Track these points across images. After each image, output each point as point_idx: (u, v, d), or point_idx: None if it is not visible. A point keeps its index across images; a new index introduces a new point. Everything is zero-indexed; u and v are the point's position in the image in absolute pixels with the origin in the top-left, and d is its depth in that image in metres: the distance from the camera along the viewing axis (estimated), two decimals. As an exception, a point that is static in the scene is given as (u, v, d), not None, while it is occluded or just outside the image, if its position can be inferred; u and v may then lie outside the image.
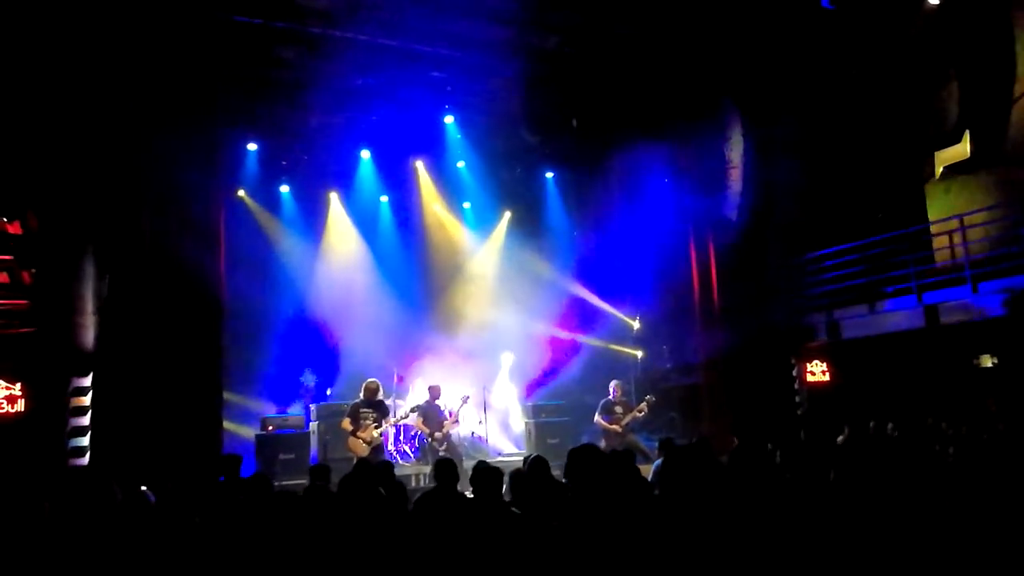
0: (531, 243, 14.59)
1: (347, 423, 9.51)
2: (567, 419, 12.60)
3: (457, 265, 14.97)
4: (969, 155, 11.71)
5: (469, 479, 4.70)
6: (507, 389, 14.03)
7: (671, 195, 12.45)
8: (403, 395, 12.29)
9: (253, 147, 12.29)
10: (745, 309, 11.34)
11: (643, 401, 10.59)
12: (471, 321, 14.05)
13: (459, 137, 12.91)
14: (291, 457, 10.63)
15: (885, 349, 11.08)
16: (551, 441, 11.96)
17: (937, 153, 12.23)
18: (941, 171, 12.24)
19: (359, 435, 9.35)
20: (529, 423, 12.77)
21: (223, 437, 9.17)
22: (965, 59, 11.73)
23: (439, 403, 10.43)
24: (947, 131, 12.05)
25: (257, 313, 12.71)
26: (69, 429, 7.99)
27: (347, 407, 9.87)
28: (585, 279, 14.14)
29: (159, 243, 8.63)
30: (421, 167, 14.12)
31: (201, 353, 8.72)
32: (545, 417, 12.60)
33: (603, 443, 10.15)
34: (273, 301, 13.12)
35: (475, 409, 12.41)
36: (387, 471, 5.61)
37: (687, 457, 4.98)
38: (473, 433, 12.84)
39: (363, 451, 9.15)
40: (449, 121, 12.54)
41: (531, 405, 13.02)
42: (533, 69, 11.41)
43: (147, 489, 5.19)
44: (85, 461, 7.99)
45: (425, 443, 10.51)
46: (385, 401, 10.31)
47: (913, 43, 11.71)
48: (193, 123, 8.90)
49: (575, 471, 4.11)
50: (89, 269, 8.36)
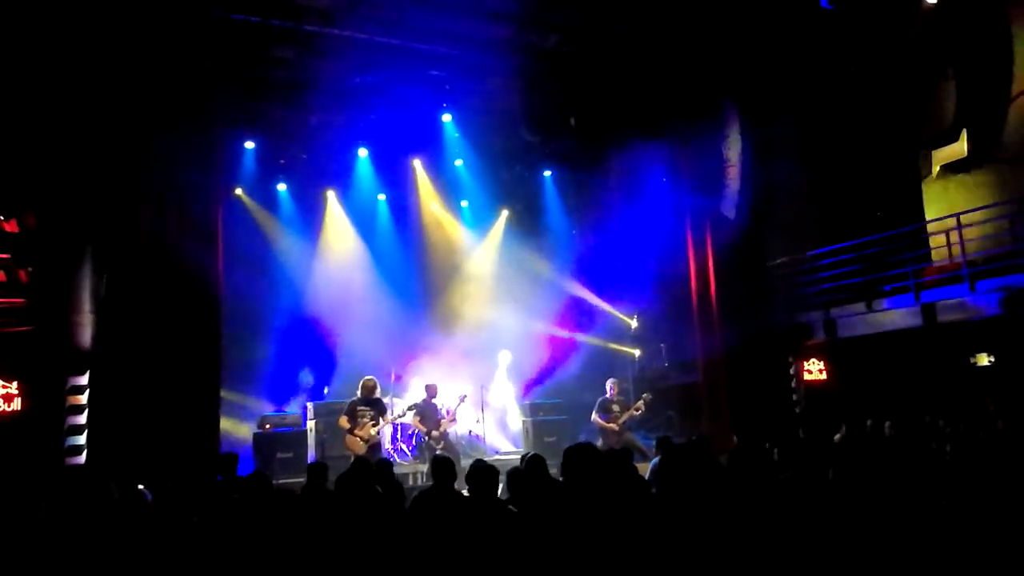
0: (529, 242, 14.59)
1: (344, 421, 9.48)
2: (565, 417, 12.60)
3: (455, 264, 14.96)
4: (966, 154, 11.74)
5: (465, 478, 4.70)
6: (505, 387, 14.04)
7: (669, 194, 12.44)
8: (401, 394, 12.29)
9: (251, 145, 12.25)
10: (743, 308, 11.35)
11: (640, 399, 10.60)
12: (469, 320, 14.05)
13: (457, 136, 12.86)
14: (289, 455, 10.63)
15: (882, 348, 11.10)
16: (548, 439, 11.96)
17: (934, 152, 12.26)
18: (938, 170, 12.27)
19: (356, 433, 9.34)
20: (527, 421, 12.77)
21: (220, 436, 9.14)
22: (962, 58, 11.76)
23: (436, 402, 10.43)
24: (944, 130, 12.09)
25: (254, 312, 12.70)
26: (66, 428, 8.00)
27: (345, 405, 9.87)
28: (583, 278, 14.14)
29: (157, 242, 8.63)
30: (419, 166, 14.09)
31: (198, 352, 8.70)
32: (543, 415, 12.60)
33: (600, 441, 10.16)
34: (271, 300, 13.09)
35: (472, 408, 12.41)
36: (386, 470, 5.62)
37: (685, 455, 4.97)
38: (471, 431, 12.84)
39: (361, 449, 9.14)
40: (447, 120, 12.49)
41: (528, 403, 13.02)
42: (532, 68, 11.40)
43: (144, 488, 5.18)
44: (82, 460, 7.99)
45: (423, 441, 10.51)
46: (383, 399, 10.31)
47: (911, 42, 11.74)
48: (191, 122, 8.89)
49: (571, 470, 4.11)
50: (86, 268, 8.35)
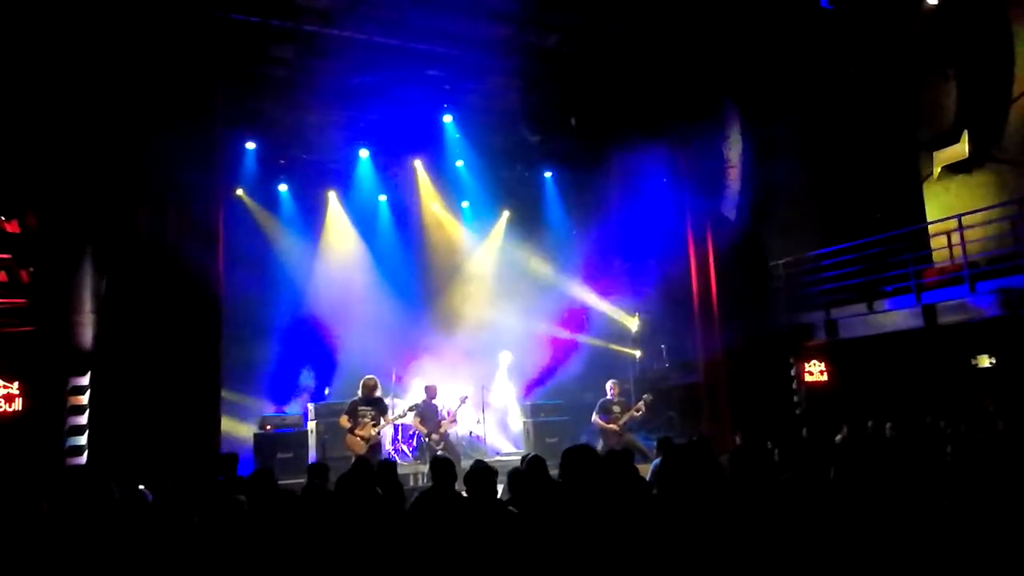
0: (530, 242, 14.60)
1: (345, 420, 9.45)
2: (565, 418, 12.60)
3: (455, 264, 14.97)
4: (967, 155, 11.72)
5: (463, 479, 4.68)
6: (505, 388, 14.04)
7: (670, 194, 12.44)
8: (401, 394, 12.29)
9: (251, 146, 12.26)
10: (744, 308, 11.35)
11: (640, 400, 10.59)
12: (469, 320, 14.05)
13: (458, 136, 12.87)
14: (289, 456, 10.64)
15: (883, 349, 11.08)
16: (549, 440, 11.96)
17: (935, 153, 12.24)
18: (939, 171, 12.25)
19: (357, 433, 9.32)
20: (527, 422, 12.77)
21: (221, 436, 9.13)
22: (963, 59, 11.75)
23: (436, 403, 10.42)
24: (945, 131, 12.07)
25: (255, 312, 12.71)
26: (67, 428, 8.00)
27: (346, 406, 9.86)
28: (584, 278, 14.14)
29: (157, 242, 8.62)
30: (420, 166, 14.10)
31: (199, 352, 8.69)
32: (543, 416, 12.60)
33: (601, 443, 10.15)
34: (271, 300, 13.11)
35: (473, 408, 12.40)
36: (389, 471, 5.59)
37: (686, 456, 4.97)
38: (471, 432, 12.84)
39: (361, 449, 9.12)
40: (448, 120, 12.50)
41: (529, 404, 13.02)
42: (532, 68, 11.41)
43: (145, 488, 5.18)
44: (83, 460, 7.98)
45: (423, 442, 10.50)
46: (384, 399, 10.30)
47: (911, 43, 11.72)
48: (191, 122, 8.88)
49: (570, 471, 4.10)
50: (87, 268, 8.35)
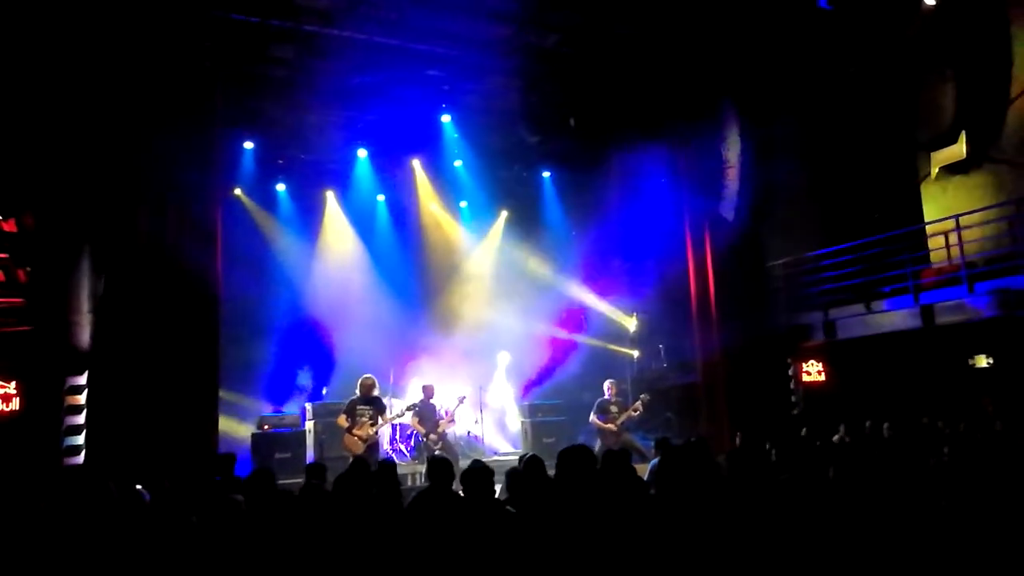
0: (528, 242, 14.61)
1: (343, 420, 9.41)
2: (563, 418, 12.60)
3: (454, 264, 14.97)
4: (965, 155, 11.74)
5: (460, 479, 4.67)
6: (503, 388, 14.04)
7: (668, 194, 12.44)
8: (399, 395, 12.29)
9: (249, 145, 12.25)
10: (742, 309, 11.35)
11: (638, 400, 10.59)
12: (468, 320, 14.05)
13: (456, 136, 12.87)
14: (287, 456, 10.64)
15: (881, 349, 11.09)
16: (547, 440, 11.96)
17: (933, 153, 12.26)
18: (937, 171, 12.27)
19: (355, 432, 9.29)
20: (525, 422, 12.77)
21: (219, 436, 9.12)
22: (962, 59, 11.76)
23: (434, 402, 10.42)
24: (944, 131, 12.08)
25: (253, 312, 12.70)
26: (64, 428, 7.97)
27: (343, 405, 9.84)
28: (582, 279, 14.14)
29: (155, 242, 8.60)
30: (418, 166, 14.10)
31: (197, 352, 8.67)
32: (541, 416, 12.60)
33: (599, 443, 10.15)
34: (269, 300, 13.10)
35: (471, 408, 12.40)
36: (388, 471, 5.56)
37: (684, 456, 4.98)
38: (469, 432, 12.83)
39: (359, 449, 9.09)
40: (446, 120, 12.50)
41: (527, 404, 13.03)
42: (531, 68, 11.40)
43: (142, 488, 5.17)
44: (80, 460, 7.97)
45: (421, 442, 10.50)
46: (382, 399, 10.29)
47: (910, 43, 11.73)
48: (190, 121, 8.86)
49: (566, 472, 4.09)
50: (85, 267, 8.32)
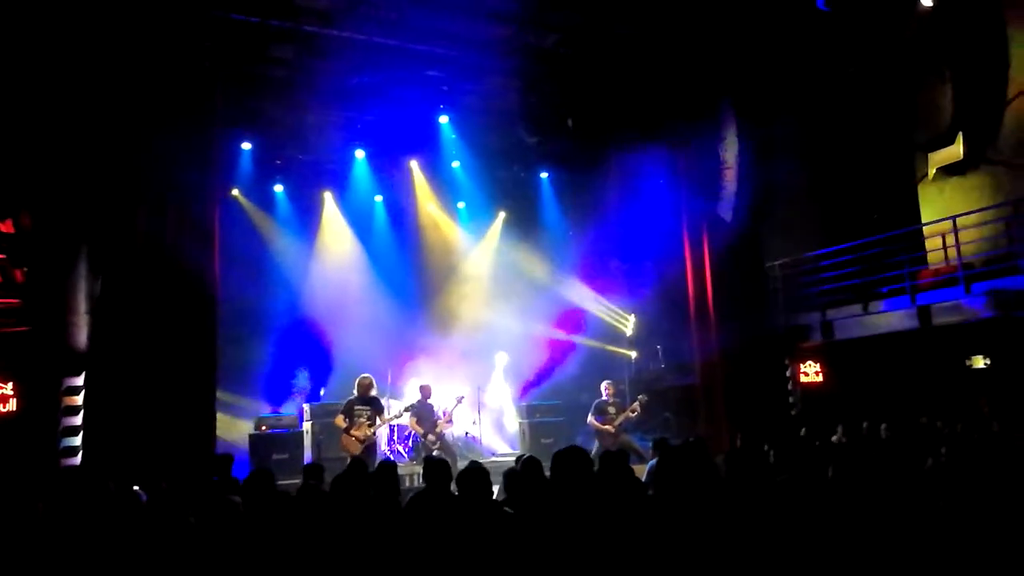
0: (526, 243, 14.59)
1: (341, 420, 9.41)
2: (561, 419, 12.60)
3: (451, 265, 14.96)
4: (962, 156, 11.75)
5: (456, 480, 4.66)
6: (501, 389, 14.04)
7: (666, 195, 12.45)
8: (397, 395, 12.28)
9: (247, 146, 12.22)
10: (739, 309, 11.35)
11: (635, 401, 10.60)
12: (465, 321, 14.05)
13: (454, 137, 12.86)
14: (285, 457, 10.63)
15: (879, 350, 11.10)
16: (545, 441, 11.96)
17: (931, 154, 12.27)
18: (935, 172, 12.28)
19: (353, 433, 9.28)
20: (523, 423, 12.77)
21: (216, 437, 9.10)
22: (959, 60, 11.78)
23: (431, 402, 10.41)
24: (941, 132, 12.10)
25: (251, 312, 12.69)
26: (61, 428, 7.97)
27: (341, 405, 9.82)
28: (580, 279, 14.14)
29: (153, 242, 8.58)
30: (416, 167, 14.09)
31: (194, 353, 8.66)
32: (539, 417, 12.60)
33: (597, 443, 10.16)
34: (267, 301, 13.08)
35: (469, 409, 12.39)
36: (388, 472, 5.51)
37: (682, 457, 4.98)
38: (467, 433, 12.83)
39: (356, 449, 9.09)
40: (444, 121, 12.50)
41: (525, 405, 13.03)
42: (529, 69, 11.40)
43: (139, 489, 5.16)
44: (77, 461, 7.95)
45: (419, 443, 10.49)
46: (380, 399, 10.28)
47: (907, 44, 11.75)
48: (188, 121, 8.84)
49: (561, 474, 4.09)
50: (82, 268, 8.31)
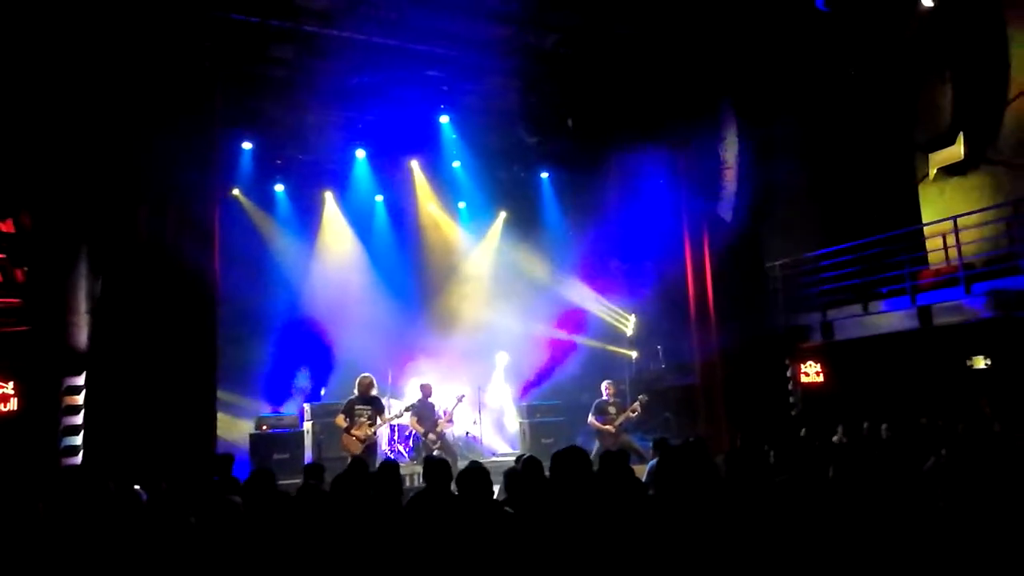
0: (526, 243, 14.59)
1: (341, 420, 9.40)
2: (562, 419, 12.60)
3: (452, 265, 14.97)
4: (963, 157, 11.75)
5: (455, 480, 4.65)
6: (502, 389, 14.04)
7: (667, 195, 12.45)
8: (398, 395, 12.28)
9: (248, 146, 12.22)
10: (740, 310, 11.35)
11: (636, 401, 10.59)
12: (466, 321, 14.05)
13: (454, 137, 12.87)
14: (285, 457, 10.63)
15: (879, 350, 11.10)
16: (545, 441, 11.96)
17: (931, 155, 12.28)
18: (935, 172, 12.28)
19: (353, 432, 9.28)
20: (523, 423, 12.77)
21: (217, 437, 9.11)
22: (959, 61, 11.78)
23: (432, 401, 10.42)
24: (941, 132, 12.10)
25: (251, 312, 12.68)
26: (62, 428, 7.97)
27: (342, 405, 9.81)
28: (580, 279, 14.14)
29: (153, 242, 8.58)
30: (416, 167, 14.10)
31: (195, 352, 8.65)
32: (540, 417, 12.60)
33: (597, 443, 10.16)
34: (267, 301, 13.08)
35: (470, 409, 12.38)
36: (391, 471, 5.50)
37: (682, 457, 4.98)
38: (468, 433, 12.83)
39: (357, 449, 9.09)
40: (444, 121, 12.51)
41: (526, 405, 13.03)
42: (530, 69, 11.41)
43: (140, 488, 5.16)
44: (78, 460, 7.96)
45: (420, 442, 10.50)
46: (380, 398, 10.27)
47: (907, 45, 11.75)
48: (189, 121, 8.84)
49: (560, 474, 4.08)
50: (83, 268, 8.31)
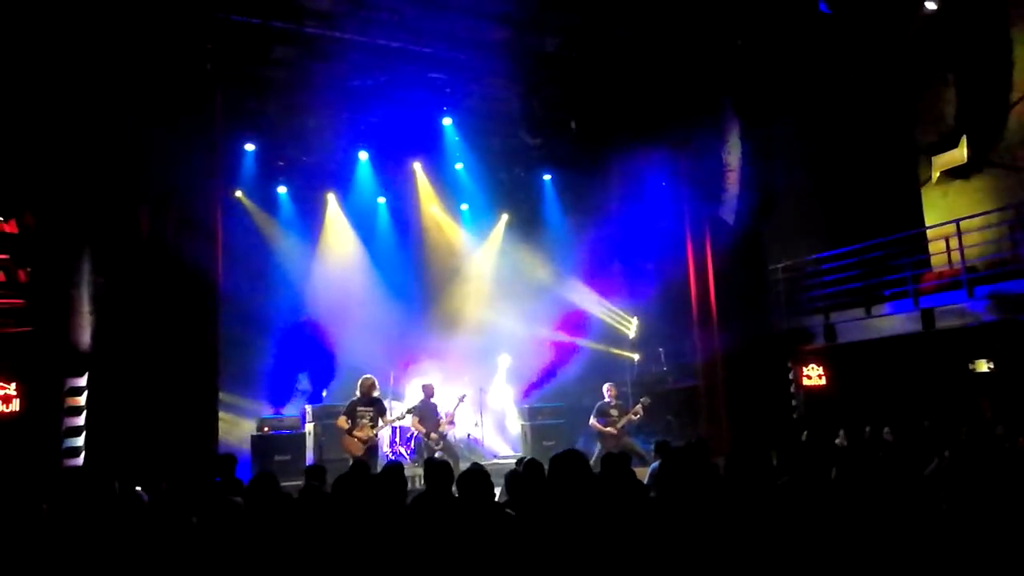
0: (528, 245, 14.58)
1: (343, 421, 9.39)
2: (563, 421, 12.60)
3: (454, 267, 14.96)
4: (966, 160, 11.75)
5: (456, 483, 4.63)
6: (504, 391, 14.02)
7: (668, 197, 12.45)
8: (400, 397, 12.28)
9: (250, 147, 12.24)
10: (742, 312, 11.34)
11: (638, 403, 10.58)
12: (468, 323, 14.05)
13: (457, 139, 12.88)
14: (287, 458, 10.65)
15: (881, 353, 11.09)
16: (547, 443, 11.95)
17: (934, 158, 12.27)
18: (938, 176, 12.28)
19: (355, 434, 9.28)
20: (525, 425, 12.76)
21: (219, 438, 9.11)
22: (962, 63, 11.77)
23: (434, 401, 10.41)
24: (944, 135, 12.10)
25: (254, 314, 12.67)
26: (64, 429, 7.96)
27: (343, 407, 9.81)
28: (582, 281, 14.13)
29: (156, 243, 8.60)
30: (419, 168, 14.10)
31: (197, 353, 8.67)
32: (541, 419, 12.60)
33: (599, 446, 10.15)
34: (270, 302, 13.08)
35: (472, 410, 12.37)
36: (396, 474, 5.48)
37: (684, 460, 4.96)
38: (469, 435, 12.82)
39: (358, 451, 9.09)
40: (447, 123, 12.52)
41: (527, 407, 13.01)
42: (532, 71, 11.42)
43: (141, 489, 5.17)
44: (80, 461, 7.96)
45: (421, 443, 10.49)
46: (382, 400, 10.27)
47: (910, 47, 11.75)
48: (191, 123, 8.86)
49: (559, 478, 4.07)
50: (85, 268, 8.32)
